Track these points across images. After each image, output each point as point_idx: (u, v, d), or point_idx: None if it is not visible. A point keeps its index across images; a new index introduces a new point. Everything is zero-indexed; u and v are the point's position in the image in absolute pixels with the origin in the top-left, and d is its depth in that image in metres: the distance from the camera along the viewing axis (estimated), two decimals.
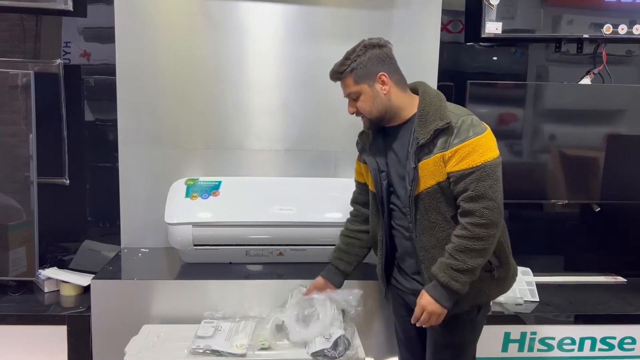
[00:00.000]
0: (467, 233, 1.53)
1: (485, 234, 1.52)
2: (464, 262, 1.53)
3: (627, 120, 2.61)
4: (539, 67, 2.77)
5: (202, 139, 2.37)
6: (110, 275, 2.06)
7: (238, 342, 1.73)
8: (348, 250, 1.89)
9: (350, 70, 1.64)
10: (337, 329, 1.75)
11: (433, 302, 1.58)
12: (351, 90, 1.66)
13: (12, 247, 2.19)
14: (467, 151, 1.54)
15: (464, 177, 1.54)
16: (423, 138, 1.58)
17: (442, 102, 1.64)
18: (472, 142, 1.55)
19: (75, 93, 2.49)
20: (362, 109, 1.67)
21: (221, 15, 2.30)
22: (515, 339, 2.22)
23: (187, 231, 2.07)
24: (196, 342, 1.72)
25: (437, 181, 1.59)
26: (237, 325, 1.84)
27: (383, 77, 1.64)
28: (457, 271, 1.53)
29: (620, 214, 2.76)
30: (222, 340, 1.74)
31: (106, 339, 1.97)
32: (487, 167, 1.53)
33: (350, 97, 1.68)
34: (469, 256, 1.53)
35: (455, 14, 2.66)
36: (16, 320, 2.06)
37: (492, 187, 1.53)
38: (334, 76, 1.69)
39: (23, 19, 2.43)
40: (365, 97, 1.65)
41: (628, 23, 2.49)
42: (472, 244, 1.53)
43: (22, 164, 2.17)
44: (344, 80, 1.66)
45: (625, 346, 2.26)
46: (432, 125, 1.57)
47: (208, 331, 1.77)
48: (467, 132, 1.56)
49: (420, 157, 1.60)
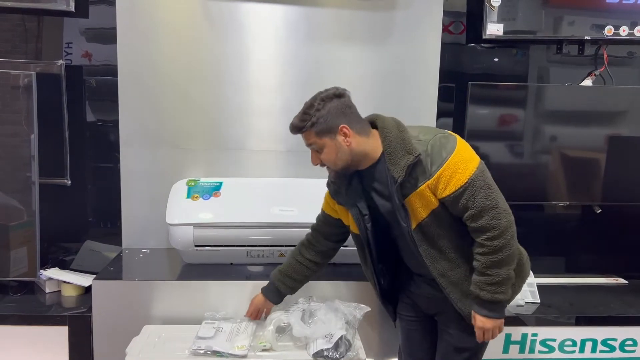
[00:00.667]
0: (487, 249, 1.53)
1: (504, 243, 1.52)
2: (497, 274, 1.53)
3: (629, 122, 2.60)
4: (540, 68, 2.77)
5: (204, 140, 2.37)
6: (112, 275, 2.06)
7: (239, 343, 1.73)
8: (294, 276, 1.85)
9: (310, 124, 1.59)
10: (339, 329, 1.74)
11: (487, 320, 1.58)
12: (313, 142, 1.62)
13: (14, 247, 2.20)
14: (449, 174, 1.52)
15: (458, 198, 1.52)
16: (399, 176, 1.54)
17: (403, 132, 1.59)
18: (450, 163, 1.52)
19: (77, 93, 2.49)
20: (326, 161, 1.63)
21: (222, 16, 2.30)
22: (516, 340, 2.22)
23: (188, 232, 2.08)
24: (197, 342, 1.72)
25: (430, 210, 1.57)
26: (239, 326, 1.84)
27: (344, 129, 1.58)
28: (495, 285, 1.54)
29: (622, 215, 2.76)
30: (223, 341, 1.74)
31: (107, 339, 1.97)
32: (475, 180, 1.52)
33: (313, 148, 1.64)
34: (498, 267, 1.53)
35: (456, 15, 2.66)
36: (17, 320, 2.06)
37: (487, 196, 1.52)
38: (294, 130, 1.64)
39: (25, 19, 2.43)
40: (328, 149, 1.60)
41: (629, 24, 2.48)
42: (496, 256, 1.52)
43: (23, 164, 2.17)
44: (305, 134, 1.62)
45: (627, 348, 2.26)
46: (403, 161, 1.54)
47: (209, 332, 1.77)
48: (440, 156, 1.54)
49: (405, 192, 1.57)
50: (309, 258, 1.85)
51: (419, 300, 1.80)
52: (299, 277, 1.85)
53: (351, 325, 1.81)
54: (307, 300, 1.87)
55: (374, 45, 2.33)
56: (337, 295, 1.99)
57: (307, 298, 1.89)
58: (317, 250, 1.85)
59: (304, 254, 1.86)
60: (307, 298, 1.89)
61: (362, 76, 2.36)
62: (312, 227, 1.89)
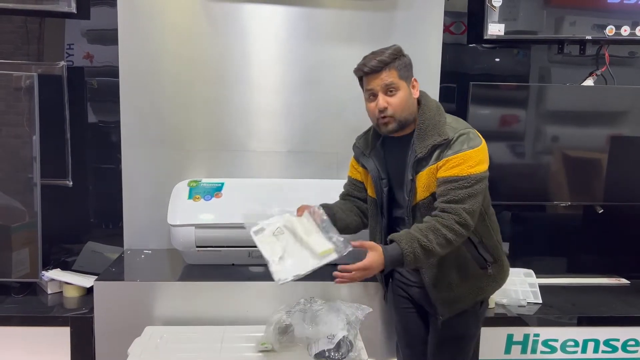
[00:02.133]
0: (444, 221, 1.55)
1: (459, 231, 1.55)
2: (431, 242, 1.53)
3: (630, 122, 2.60)
4: (541, 68, 2.77)
5: (205, 141, 2.37)
6: (113, 276, 2.06)
7: (320, 248, 1.60)
8: (343, 208, 1.85)
9: (396, 64, 1.63)
10: (340, 330, 1.74)
11: (380, 264, 1.52)
12: (393, 81, 1.62)
13: (16, 248, 2.20)
14: (457, 162, 1.59)
15: (447, 183, 1.58)
16: (420, 152, 1.62)
17: (441, 116, 1.67)
18: (464, 154, 1.59)
19: (79, 95, 2.50)
20: (395, 106, 1.63)
21: (224, 17, 2.30)
22: (518, 340, 2.21)
23: (190, 233, 2.08)
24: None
25: (430, 192, 1.64)
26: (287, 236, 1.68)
27: (415, 82, 1.68)
28: (421, 247, 1.53)
29: (623, 215, 2.75)
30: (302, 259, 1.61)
31: (109, 340, 1.97)
32: (472, 178, 1.58)
33: (388, 88, 1.63)
34: (437, 240, 1.54)
35: (457, 16, 2.66)
36: (19, 321, 2.07)
37: (470, 196, 1.57)
38: (380, 64, 1.62)
39: (27, 21, 2.44)
40: (402, 93, 1.64)
41: (631, 24, 2.48)
42: (445, 231, 1.54)
43: (25, 165, 2.17)
44: (389, 70, 1.63)
45: (629, 348, 2.26)
46: (430, 140, 1.62)
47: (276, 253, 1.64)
48: (460, 145, 1.60)
49: (417, 169, 1.65)
50: (350, 208, 1.86)
51: (410, 291, 1.85)
52: (348, 213, 1.84)
53: (353, 325, 1.81)
54: (308, 301, 1.87)
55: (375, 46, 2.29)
56: (339, 295, 1.99)
57: (309, 299, 1.89)
58: (354, 210, 1.88)
59: (341, 205, 1.87)
60: (309, 299, 1.89)
61: None
62: (340, 195, 1.94)
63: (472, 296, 1.75)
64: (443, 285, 1.72)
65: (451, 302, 1.73)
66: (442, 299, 1.73)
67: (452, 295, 1.72)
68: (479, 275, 1.74)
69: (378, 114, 1.66)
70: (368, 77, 1.66)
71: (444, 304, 1.73)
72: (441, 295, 1.72)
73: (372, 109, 1.68)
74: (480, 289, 1.75)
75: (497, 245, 1.77)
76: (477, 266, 1.73)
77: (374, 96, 1.66)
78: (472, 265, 1.73)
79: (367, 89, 1.68)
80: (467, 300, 1.74)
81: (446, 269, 1.71)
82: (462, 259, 1.71)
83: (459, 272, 1.72)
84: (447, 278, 1.71)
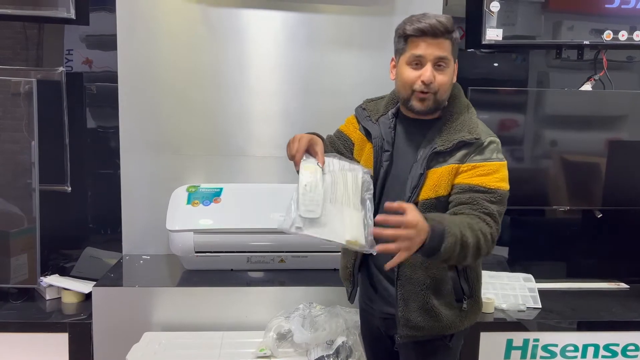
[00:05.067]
0: (484, 228, 1.35)
1: (490, 248, 1.37)
2: (469, 239, 1.30)
3: (629, 126, 2.61)
4: (539, 73, 2.78)
5: (204, 146, 2.37)
6: (112, 282, 2.06)
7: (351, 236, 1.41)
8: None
9: (454, 36, 1.46)
10: (339, 336, 1.74)
11: (424, 230, 1.22)
12: (446, 55, 1.43)
13: (14, 254, 2.19)
14: (487, 170, 1.42)
15: (475, 192, 1.40)
16: (442, 146, 1.44)
17: (472, 114, 1.52)
18: (496, 164, 1.44)
19: (77, 100, 2.50)
20: (442, 83, 1.44)
21: (222, 22, 2.31)
22: (518, 345, 2.21)
23: (189, 238, 2.07)
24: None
25: (437, 194, 1.45)
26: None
27: (456, 65, 1.52)
28: (462, 240, 1.28)
29: (623, 220, 2.75)
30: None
31: (107, 346, 1.97)
32: (499, 194, 1.42)
33: (439, 62, 1.43)
34: (473, 242, 1.31)
35: (455, 21, 2.63)
36: (17, 327, 2.06)
37: (500, 215, 1.41)
38: (442, 27, 1.42)
39: (26, 27, 2.44)
40: (450, 70, 1.46)
41: (628, 29, 2.49)
42: (483, 241, 1.34)
43: (24, 171, 2.17)
44: (446, 42, 1.43)
45: (629, 353, 2.25)
46: (457, 135, 1.45)
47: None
48: (491, 154, 1.45)
49: (431, 164, 1.46)
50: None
51: (374, 322, 1.69)
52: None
53: (352, 331, 1.80)
54: (307, 307, 1.87)
55: (373, 51, 2.33)
56: (338, 301, 1.98)
57: (308, 304, 1.89)
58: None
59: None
60: (308, 304, 1.89)
61: (362, 82, 2.36)
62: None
63: (442, 327, 1.52)
64: (415, 305, 1.51)
65: (415, 326, 1.52)
66: (407, 318, 1.51)
67: (420, 319, 1.51)
68: (453, 308, 1.53)
69: (419, 86, 1.44)
70: (420, 39, 1.42)
71: (406, 325, 1.52)
72: (409, 315, 1.51)
73: (411, 78, 1.45)
74: (451, 322, 1.53)
75: (478, 277, 1.59)
76: (453, 297, 1.53)
77: (419, 65, 1.44)
78: (449, 295, 1.53)
79: (414, 53, 1.43)
80: (436, 330, 1.52)
81: (424, 289, 1.50)
82: (443, 286, 1.51)
83: (436, 298, 1.51)
84: (422, 298, 1.50)
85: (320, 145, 1.50)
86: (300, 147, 1.46)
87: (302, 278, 2.09)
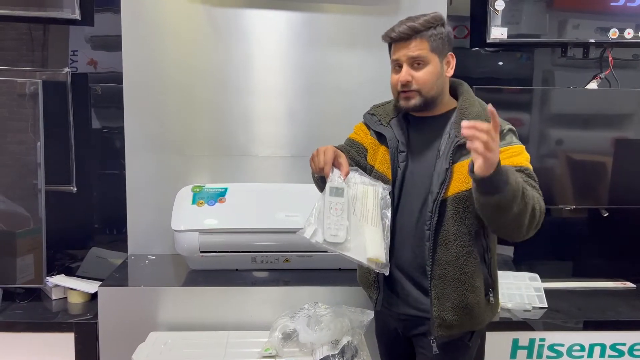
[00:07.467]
0: (540, 198, 1.40)
1: (541, 220, 1.40)
2: (529, 194, 1.34)
3: (635, 125, 2.59)
4: (545, 71, 2.77)
5: (209, 146, 2.38)
6: (117, 282, 2.06)
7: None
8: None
9: (429, 34, 1.46)
10: (345, 335, 1.74)
11: (496, 156, 1.25)
12: (421, 53, 1.46)
13: (20, 254, 2.20)
14: (513, 152, 1.45)
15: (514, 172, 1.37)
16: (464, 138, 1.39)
17: (484, 108, 1.52)
18: (519, 147, 1.47)
19: (83, 101, 2.51)
20: (421, 81, 1.48)
21: (227, 22, 2.31)
22: (524, 345, 2.20)
23: (194, 238, 2.08)
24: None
25: (468, 187, 1.44)
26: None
27: (451, 58, 1.52)
28: (523, 189, 1.32)
29: (629, 218, 2.74)
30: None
31: (113, 346, 1.97)
32: (532, 173, 1.45)
33: (415, 61, 1.48)
34: (528, 192, 1.35)
35: (460, 20, 2.67)
36: (24, 327, 2.07)
37: (540, 195, 1.43)
38: (409, 31, 1.46)
39: (31, 28, 2.45)
40: (431, 69, 1.48)
41: (634, 27, 2.48)
42: (537, 207, 1.37)
43: (30, 171, 2.18)
44: (419, 40, 1.46)
45: (636, 352, 2.24)
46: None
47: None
48: (511, 138, 1.49)
49: (456, 158, 1.46)
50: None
51: (392, 324, 1.71)
52: None
53: (357, 331, 1.80)
54: (312, 306, 1.87)
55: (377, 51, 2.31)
56: (344, 300, 1.98)
57: (313, 304, 1.88)
58: None
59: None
60: (313, 304, 1.88)
61: (366, 81, 2.36)
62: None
63: (467, 324, 1.54)
64: (450, 303, 1.52)
65: (449, 325, 1.53)
66: (442, 317, 1.52)
67: (455, 317, 1.52)
68: (480, 303, 1.53)
69: (400, 87, 1.50)
70: (395, 44, 1.51)
71: (442, 325, 1.52)
72: (445, 314, 1.52)
73: (394, 81, 1.53)
74: (477, 317, 1.54)
75: (496, 268, 1.60)
76: (483, 291, 1.54)
77: (399, 67, 1.51)
78: (480, 289, 1.53)
79: (393, 59, 1.53)
80: (459, 328, 1.54)
81: (459, 285, 1.51)
82: (475, 280, 1.52)
83: (470, 293, 1.52)
84: (457, 294, 1.51)
85: (344, 157, 1.55)
86: (327, 160, 1.51)
87: (307, 278, 2.08)
